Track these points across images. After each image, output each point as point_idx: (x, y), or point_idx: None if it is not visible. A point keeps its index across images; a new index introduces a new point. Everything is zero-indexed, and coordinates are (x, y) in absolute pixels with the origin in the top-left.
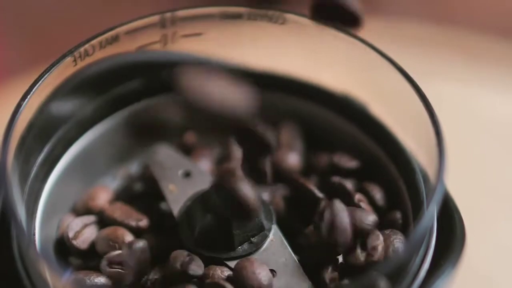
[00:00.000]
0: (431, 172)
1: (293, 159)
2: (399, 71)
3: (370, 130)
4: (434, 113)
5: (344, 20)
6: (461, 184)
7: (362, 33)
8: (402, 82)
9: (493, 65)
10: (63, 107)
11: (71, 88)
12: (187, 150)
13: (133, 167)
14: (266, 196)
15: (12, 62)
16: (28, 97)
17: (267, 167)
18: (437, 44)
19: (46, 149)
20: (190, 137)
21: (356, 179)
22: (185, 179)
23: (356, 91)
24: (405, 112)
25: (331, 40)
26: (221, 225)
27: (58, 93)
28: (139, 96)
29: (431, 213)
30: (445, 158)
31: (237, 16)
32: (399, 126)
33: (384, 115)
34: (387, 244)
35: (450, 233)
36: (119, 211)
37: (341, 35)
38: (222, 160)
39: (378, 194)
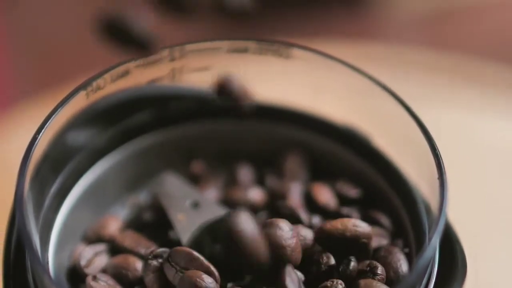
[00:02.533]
0: (433, 202)
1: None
2: (402, 105)
3: (373, 161)
4: (436, 146)
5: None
6: (462, 210)
7: (362, 58)
8: (404, 115)
9: (493, 90)
10: (76, 138)
11: (83, 120)
12: (195, 178)
13: (142, 196)
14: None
15: (22, 84)
16: (43, 131)
17: None
18: (437, 70)
19: (59, 180)
20: (197, 166)
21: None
22: (193, 209)
23: (360, 122)
24: (407, 143)
25: (334, 72)
26: (230, 255)
27: (71, 125)
28: (149, 127)
29: (433, 246)
30: (447, 192)
31: (243, 50)
32: (401, 157)
33: (387, 146)
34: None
35: (452, 264)
36: (129, 239)
37: (344, 68)
38: (229, 186)
39: (386, 221)
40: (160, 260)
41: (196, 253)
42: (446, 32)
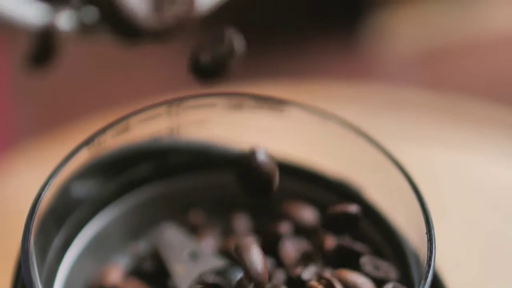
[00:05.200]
0: (423, 252)
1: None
2: (393, 162)
3: (364, 212)
4: (424, 202)
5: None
6: (453, 255)
7: (356, 96)
8: (395, 171)
9: (487, 130)
10: (78, 190)
11: (85, 173)
12: (193, 228)
13: (142, 245)
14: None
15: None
16: (47, 187)
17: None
18: (430, 109)
19: (62, 231)
20: (195, 216)
21: None
22: (191, 259)
23: (352, 175)
24: (397, 196)
25: (328, 128)
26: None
27: (73, 178)
28: (148, 179)
29: None
30: (435, 247)
31: (238, 106)
32: (392, 208)
33: (378, 198)
34: None
35: None
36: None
37: (337, 125)
38: (226, 235)
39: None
40: None
41: None
42: (440, 71)
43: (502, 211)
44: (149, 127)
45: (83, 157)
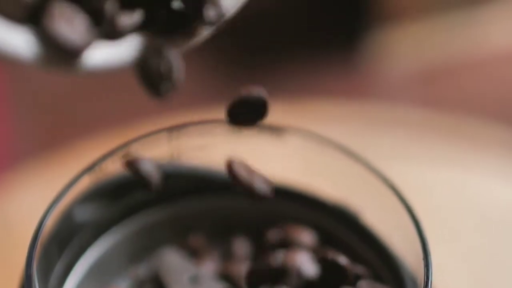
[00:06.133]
0: (419, 277)
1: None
2: (389, 187)
3: (362, 236)
4: (421, 229)
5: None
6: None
7: (355, 115)
8: (391, 195)
9: (487, 149)
10: (79, 216)
11: (86, 198)
12: (194, 251)
13: (143, 269)
14: None
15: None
16: (48, 214)
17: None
18: (429, 128)
19: (63, 256)
20: (196, 240)
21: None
22: (192, 283)
23: (350, 199)
24: (395, 220)
25: (327, 154)
26: None
27: (74, 204)
28: (149, 204)
29: None
30: (431, 274)
31: (238, 132)
32: (389, 231)
33: (376, 222)
34: None
35: None
36: None
37: (336, 152)
38: (227, 259)
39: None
40: None
41: None
42: (439, 90)
43: (501, 232)
44: (149, 153)
45: (84, 183)
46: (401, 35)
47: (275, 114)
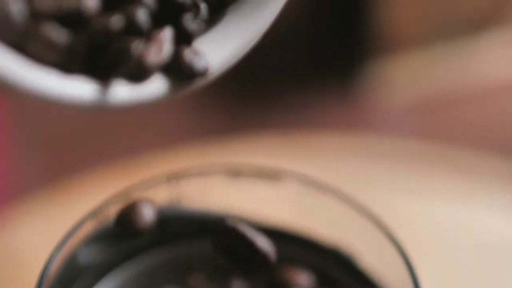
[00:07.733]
0: None
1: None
2: (384, 233)
3: (357, 278)
4: (414, 271)
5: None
6: None
7: (352, 147)
8: (382, 237)
9: (486, 181)
10: (81, 259)
11: (88, 242)
12: None
13: None
14: None
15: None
16: (53, 259)
17: None
18: (426, 160)
19: None
20: (196, 281)
21: None
22: None
23: (345, 242)
24: (389, 264)
25: (322, 198)
26: None
27: (76, 247)
28: (149, 246)
29: None
30: None
31: (236, 176)
32: (384, 272)
33: (371, 264)
34: None
35: None
36: None
37: (332, 196)
38: None
39: None
40: None
41: None
42: (437, 121)
43: (501, 267)
44: (149, 196)
45: (86, 227)
46: (398, 66)
47: (272, 148)
